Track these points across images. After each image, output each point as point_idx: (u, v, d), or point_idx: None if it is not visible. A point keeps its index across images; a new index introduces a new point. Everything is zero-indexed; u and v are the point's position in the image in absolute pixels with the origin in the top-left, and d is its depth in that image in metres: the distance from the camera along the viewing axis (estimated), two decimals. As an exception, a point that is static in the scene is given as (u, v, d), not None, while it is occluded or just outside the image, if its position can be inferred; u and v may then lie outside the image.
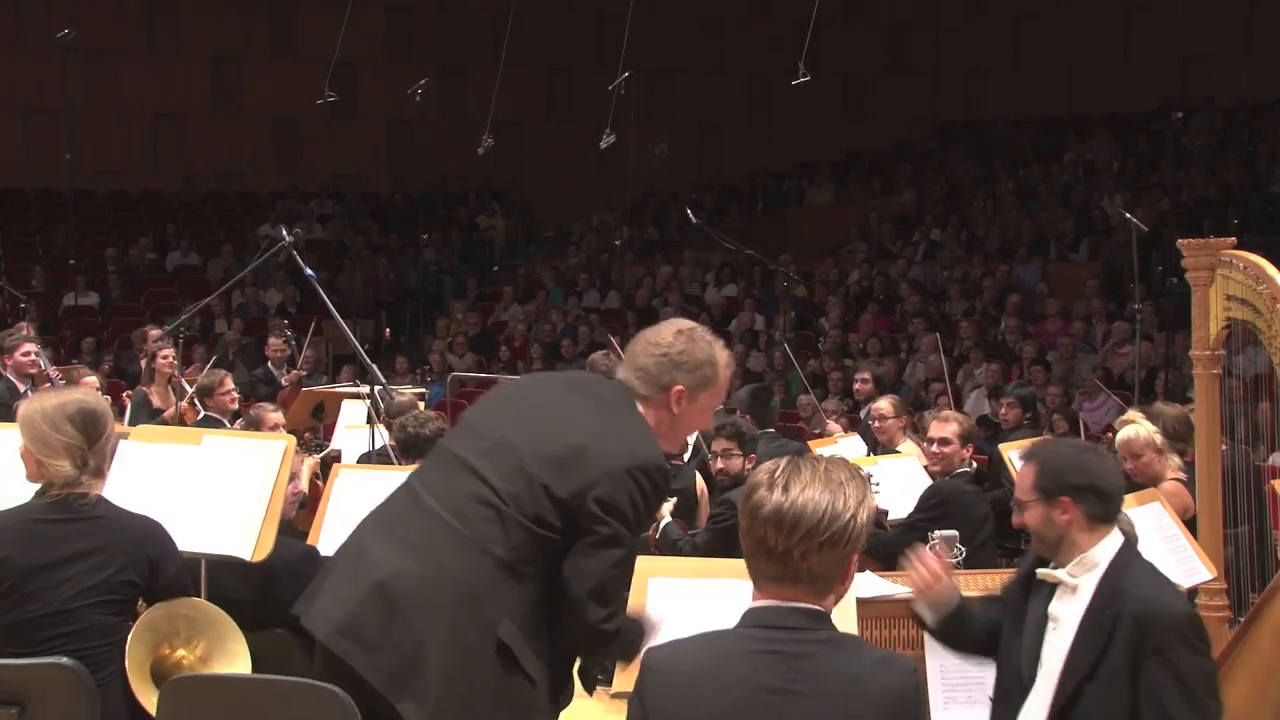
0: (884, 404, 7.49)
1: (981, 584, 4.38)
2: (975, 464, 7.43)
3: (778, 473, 2.33)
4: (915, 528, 5.47)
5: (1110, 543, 3.17)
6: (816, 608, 2.33)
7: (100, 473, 3.45)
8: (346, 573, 2.90)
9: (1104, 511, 3.18)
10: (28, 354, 7.68)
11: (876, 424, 7.39)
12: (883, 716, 2.28)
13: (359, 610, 2.79)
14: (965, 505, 5.47)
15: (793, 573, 2.32)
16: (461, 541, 2.84)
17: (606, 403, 3.00)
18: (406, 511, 2.94)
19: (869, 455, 7.19)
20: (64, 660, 3.23)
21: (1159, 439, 5.44)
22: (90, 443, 3.42)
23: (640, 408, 3.01)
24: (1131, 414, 5.78)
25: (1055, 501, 3.15)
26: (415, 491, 2.97)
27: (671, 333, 3.07)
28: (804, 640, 2.30)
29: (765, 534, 2.29)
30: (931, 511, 5.54)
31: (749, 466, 5.56)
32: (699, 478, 6.47)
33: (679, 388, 3.01)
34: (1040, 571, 3.23)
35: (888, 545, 5.54)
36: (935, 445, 6.02)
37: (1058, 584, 3.18)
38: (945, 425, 6.05)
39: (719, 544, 5.14)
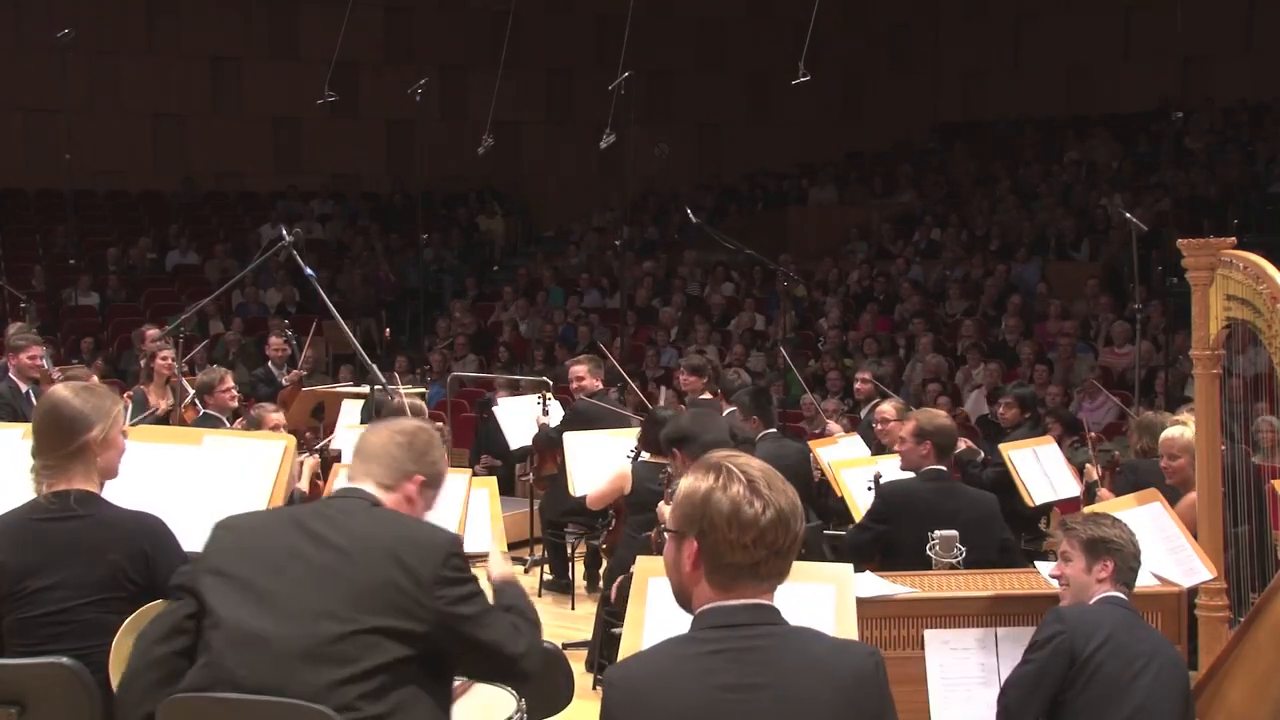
0: (888, 407, 7.53)
1: (979, 584, 4.37)
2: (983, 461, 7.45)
3: (745, 484, 2.36)
4: (864, 529, 5.48)
5: None
6: (767, 603, 2.38)
7: (54, 471, 3.39)
8: None
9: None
10: (34, 357, 7.75)
11: (880, 426, 7.42)
12: (840, 696, 2.29)
13: None
14: (916, 505, 5.30)
15: (788, 567, 2.40)
16: None
17: (352, 518, 2.87)
18: None
19: (870, 455, 7.20)
20: (64, 660, 3.23)
21: None
22: (36, 443, 3.40)
23: (383, 498, 2.97)
24: (1184, 415, 5.75)
25: (670, 453, 4.26)
26: None
27: (412, 424, 3.09)
28: (758, 634, 2.33)
29: (776, 537, 2.34)
30: (874, 514, 5.50)
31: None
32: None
33: (419, 477, 3.02)
34: None
35: (846, 544, 5.56)
36: (896, 443, 6.05)
37: None
38: (904, 424, 6.09)
39: None
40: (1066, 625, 3.64)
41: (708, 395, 8.47)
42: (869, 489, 5.93)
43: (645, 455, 6.55)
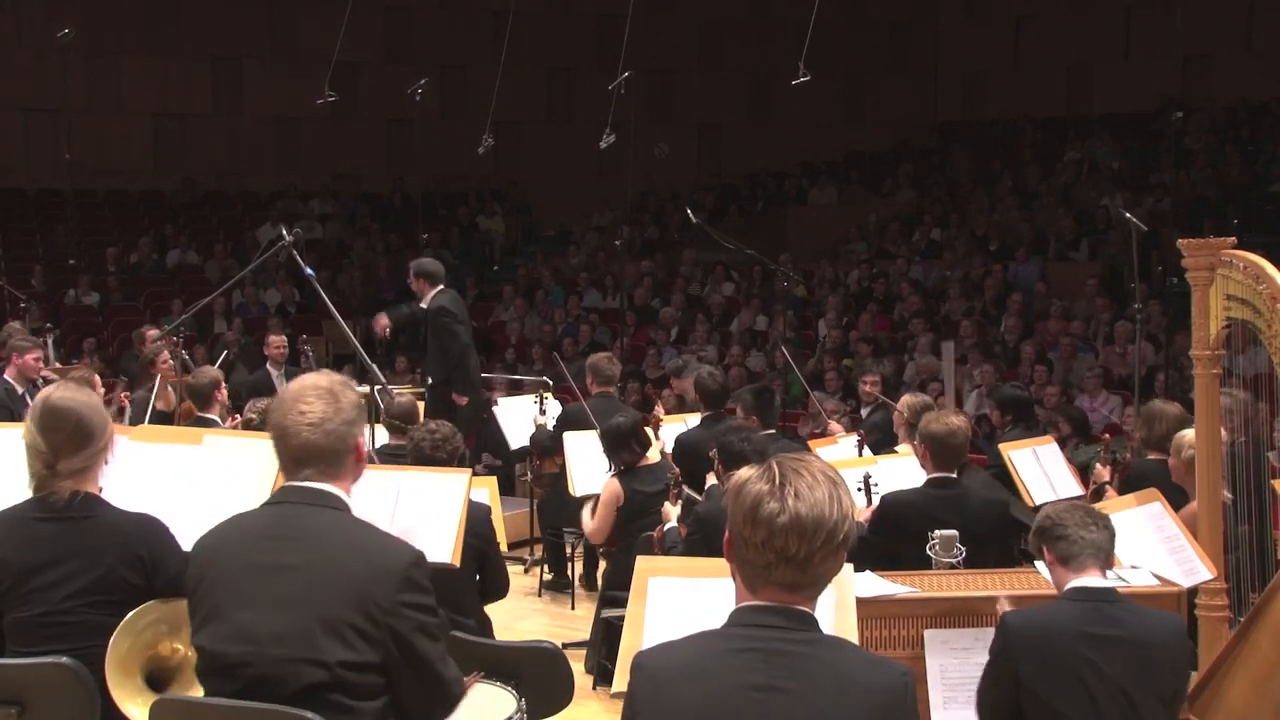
0: (901, 402, 7.44)
1: (979, 584, 4.37)
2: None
3: (777, 479, 2.30)
4: (863, 541, 5.38)
5: None
6: (805, 609, 2.33)
7: (79, 474, 3.39)
8: None
9: None
10: (38, 359, 7.80)
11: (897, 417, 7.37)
12: (866, 712, 2.25)
13: None
14: (911, 517, 5.16)
15: (809, 578, 2.31)
16: None
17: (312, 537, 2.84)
18: None
19: (862, 455, 7.20)
20: (64, 660, 3.23)
21: None
22: (55, 450, 3.38)
23: (336, 489, 2.90)
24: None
25: None
26: None
27: (315, 397, 2.89)
28: (790, 639, 2.29)
29: (787, 543, 2.26)
30: (872, 525, 5.38)
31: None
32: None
33: (359, 439, 2.92)
34: None
35: (850, 556, 5.39)
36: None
37: None
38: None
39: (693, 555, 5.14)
40: (1008, 640, 3.47)
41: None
42: (858, 489, 5.91)
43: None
